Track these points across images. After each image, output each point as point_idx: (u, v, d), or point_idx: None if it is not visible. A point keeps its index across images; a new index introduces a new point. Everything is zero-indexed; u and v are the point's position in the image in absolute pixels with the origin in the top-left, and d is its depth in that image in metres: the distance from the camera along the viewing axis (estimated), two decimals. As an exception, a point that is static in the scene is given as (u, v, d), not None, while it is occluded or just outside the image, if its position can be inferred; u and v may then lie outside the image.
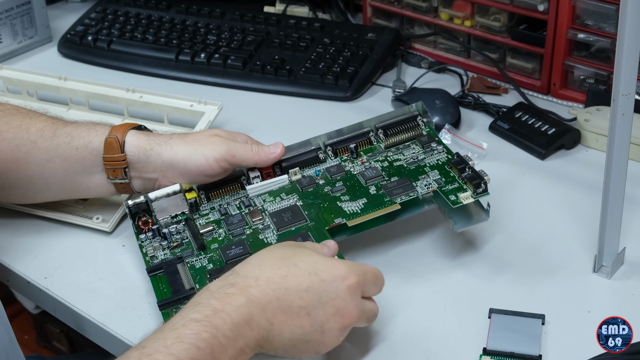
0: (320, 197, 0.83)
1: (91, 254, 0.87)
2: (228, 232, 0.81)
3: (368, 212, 0.80)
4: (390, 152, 0.88)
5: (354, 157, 0.87)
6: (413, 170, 0.85)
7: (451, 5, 1.19)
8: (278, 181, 0.85)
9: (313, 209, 0.82)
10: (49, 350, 1.58)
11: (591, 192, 0.92)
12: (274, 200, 0.84)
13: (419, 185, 0.82)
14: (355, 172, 0.86)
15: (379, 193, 0.82)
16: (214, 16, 1.31)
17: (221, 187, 0.86)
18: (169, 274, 0.77)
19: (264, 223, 0.81)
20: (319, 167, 0.87)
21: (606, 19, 1.04)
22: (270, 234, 0.80)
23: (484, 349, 0.72)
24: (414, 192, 0.81)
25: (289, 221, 0.80)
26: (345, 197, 0.82)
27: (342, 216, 0.80)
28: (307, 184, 0.85)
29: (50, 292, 0.82)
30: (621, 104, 0.72)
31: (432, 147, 0.87)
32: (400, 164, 0.86)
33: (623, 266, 0.82)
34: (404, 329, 0.76)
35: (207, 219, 0.83)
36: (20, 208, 0.92)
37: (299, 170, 0.86)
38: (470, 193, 0.80)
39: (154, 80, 1.21)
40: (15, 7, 1.27)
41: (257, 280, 0.65)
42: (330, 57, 1.19)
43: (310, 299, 0.66)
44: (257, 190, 0.85)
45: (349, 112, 1.13)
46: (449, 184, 0.82)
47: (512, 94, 1.15)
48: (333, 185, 0.84)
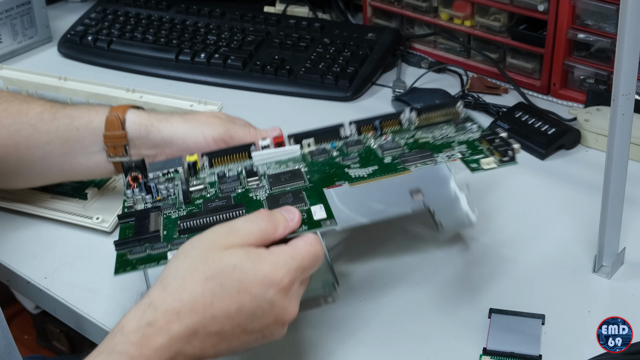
0: (328, 164, 0.75)
1: (91, 254, 0.87)
2: (217, 191, 0.74)
3: (375, 176, 0.71)
4: (420, 131, 0.78)
5: (378, 134, 0.78)
6: (439, 145, 0.75)
7: (451, 5, 1.19)
8: (288, 151, 0.77)
9: (317, 175, 0.73)
10: (49, 350, 1.58)
11: (591, 192, 0.92)
12: (280, 167, 0.76)
13: (440, 156, 0.73)
14: (374, 147, 0.77)
15: (393, 162, 0.73)
16: (214, 16, 1.31)
17: (227, 154, 0.79)
18: (138, 219, 0.70)
19: (259, 184, 0.73)
20: (339, 142, 0.79)
21: (606, 19, 1.04)
22: (261, 193, 0.71)
23: (484, 349, 0.72)
24: (431, 161, 0.72)
25: (285, 181, 0.72)
26: (355, 165, 0.73)
27: (345, 179, 0.71)
28: (319, 153, 0.76)
29: (50, 292, 0.82)
30: (621, 104, 0.72)
31: (467, 127, 0.77)
32: (426, 140, 0.76)
33: (623, 266, 0.82)
34: (404, 329, 0.76)
35: (203, 181, 0.76)
36: (20, 208, 0.92)
37: (313, 142, 0.78)
38: (494, 159, 0.71)
39: (154, 80, 1.21)
40: (15, 7, 1.27)
41: (178, 315, 0.58)
42: (330, 57, 1.19)
43: (243, 318, 0.60)
44: (263, 158, 0.77)
45: (349, 112, 1.13)
46: (474, 155, 0.72)
47: (512, 94, 1.15)
48: (347, 155, 0.75)
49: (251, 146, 0.78)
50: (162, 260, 0.64)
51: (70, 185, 0.95)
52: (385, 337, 0.75)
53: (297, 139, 0.78)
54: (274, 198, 0.69)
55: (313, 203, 0.68)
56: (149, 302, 0.59)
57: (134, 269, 0.65)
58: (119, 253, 0.67)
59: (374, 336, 0.75)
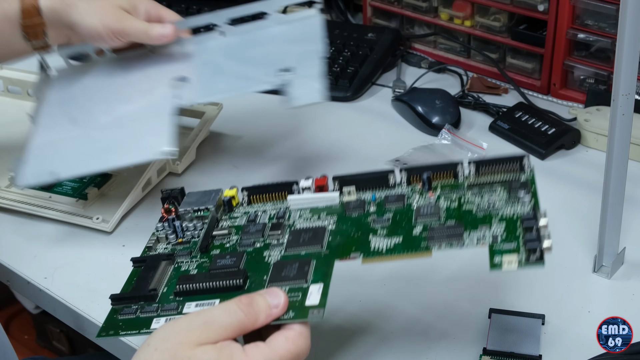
0: (357, 225, 0.68)
1: (91, 254, 0.87)
2: (238, 242, 0.71)
3: (393, 254, 0.64)
4: (471, 192, 0.69)
5: (426, 188, 0.71)
6: (479, 218, 0.65)
7: (451, 5, 1.19)
8: (326, 198, 0.72)
9: (340, 237, 0.68)
10: (49, 350, 1.58)
11: (591, 192, 0.92)
12: (310, 218, 0.71)
13: (469, 238, 0.64)
14: (414, 207, 0.69)
15: (421, 235, 0.65)
16: (214, 16, 1.31)
17: (266, 192, 0.75)
18: (146, 269, 0.69)
19: (279, 240, 0.69)
20: (382, 192, 0.72)
21: (606, 19, 1.04)
22: (275, 253, 0.68)
23: (484, 349, 0.72)
24: (458, 243, 0.63)
25: (303, 243, 0.67)
26: (382, 232, 0.67)
27: (362, 251, 0.65)
28: (354, 207, 0.70)
29: (50, 292, 0.82)
30: (621, 104, 0.72)
31: (519, 196, 0.67)
32: (470, 207, 0.67)
33: (623, 266, 0.82)
34: (404, 329, 0.76)
35: (233, 222, 0.73)
36: (20, 207, 0.92)
37: (354, 191, 0.72)
38: (517, 258, 0.60)
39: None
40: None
41: None
42: (330, 57, 1.19)
43: None
44: (298, 203, 0.73)
45: (349, 112, 1.13)
46: (506, 242, 0.62)
47: (512, 94, 1.15)
48: (381, 215, 0.69)
49: (292, 185, 0.74)
50: (144, 329, 0.63)
51: (70, 185, 0.95)
52: (385, 337, 0.75)
53: (341, 183, 0.72)
54: (279, 266, 0.65)
55: (315, 280, 0.63)
56: None
57: (116, 334, 0.64)
58: (113, 309, 0.67)
59: (374, 336, 0.75)
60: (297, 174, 0.99)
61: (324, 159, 1.03)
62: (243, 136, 1.08)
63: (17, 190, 0.94)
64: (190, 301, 0.65)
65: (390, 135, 1.07)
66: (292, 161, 1.03)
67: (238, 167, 1.01)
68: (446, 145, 1.03)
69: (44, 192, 0.94)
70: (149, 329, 0.63)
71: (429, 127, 1.06)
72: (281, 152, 1.05)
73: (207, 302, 0.64)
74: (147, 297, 0.66)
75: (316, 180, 0.73)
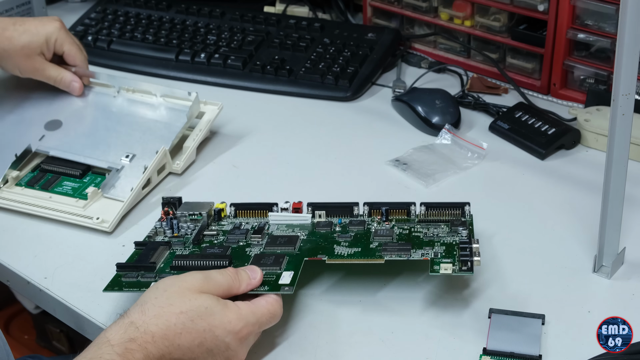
0: (324, 237, 0.82)
1: (91, 254, 0.87)
2: (225, 240, 0.82)
3: (352, 258, 0.77)
4: (420, 225, 0.82)
5: (383, 219, 0.84)
6: (425, 241, 0.79)
7: (451, 5, 1.19)
8: (301, 217, 0.85)
9: (309, 244, 0.81)
10: (49, 350, 1.58)
11: (591, 192, 0.92)
12: (286, 230, 0.84)
13: (416, 252, 0.77)
14: (372, 230, 0.82)
15: (377, 248, 0.78)
16: (214, 16, 1.31)
17: (250, 208, 0.87)
18: (146, 249, 0.80)
19: (259, 242, 0.82)
20: (347, 219, 0.85)
21: (606, 19, 1.04)
22: (255, 250, 0.80)
23: (484, 349, 0.72)
24: (406, 255, 0.76)
25: (279, 244, 0.80)
26: (344, 243, 0.80)
27: (328, 254, 0.78)
28: (324, 226, 0.83)
29: (50, 292, 0.82)
30: (621, 104, 0.72)
31: (458, 231, 0.80)
32: (418, 234, 0.81)
33: (623, 266, 0.82)
34: (404, 329, 0.76)
35: (221, 227, 0.85)
36: (20, 208, 0.92)
37: (324, 214, 0.85)
38: (452, 267, 0.74)
39: (154, 80, 1.21)
40: (15, 7, 1.27)
41: (153, 337, 0.66)
42: (330, 57, 1.20)
43: (201, 352, 0.68)
44: (277, 219, 0.86)
45: (349, 112, 1.13)
46: (444, 258, 0.76)
47: (512, 94, 1.15)
48: (345, 233, 0.82)
49: (273, 206, 0.86)
50: (144, 288, 0.73)
51: (70, 186, 0.95)
52: (385, 337, 0.75)
53: (314, 208, 0.86)
54: (259, 257, 0.78)
55: (287, 269, 0.76)
56: (130, 321, 0.67)
57: (120, 289, 0.76)
58: (117, 274, 0.77)
59: (374, 336, 0.75)
60: (297, 174, 1.00)
61: (324, 159, 1.03)
62: (243, 136, 1.08)
63: (17, 191, 0.94)
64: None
65: (390, 135, 1.07)
66: (292, 161, 1.03)
67: (238, 167, 1.01)
68: (446, 145, 1.03)
69: (44, 192, 0.94)
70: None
71: (429, 127, 1.06)
72: (281, 152, 1.05)
73: None
74: (147, 268, 0.77)
75: (293, 204, 0.86)
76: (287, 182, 0.98)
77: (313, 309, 0.78)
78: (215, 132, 1.08)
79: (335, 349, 0.73)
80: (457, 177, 0.98)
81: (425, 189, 0.96)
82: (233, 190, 0.96)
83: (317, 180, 0.98)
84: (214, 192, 0.94)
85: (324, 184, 0.98)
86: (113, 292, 0.76)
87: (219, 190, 0.96)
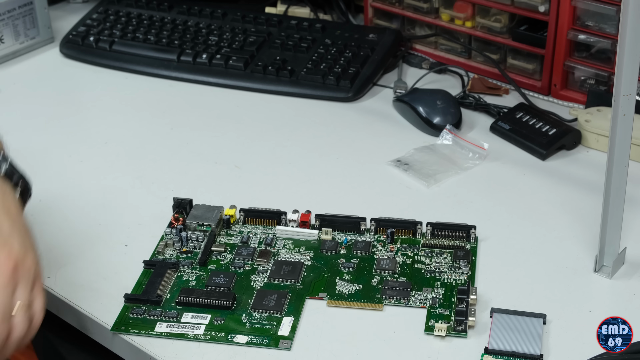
0: (329, 265, 0.83)
1: (94, 253, 0.87)
2: (231, 260, 0.84)
3: (351, 300, 0.79)
4: (423, 251, 0.84)
5: (388, 241, 0.85)
6: (425, 279, 0.81)
7: (452, 6, 1.19)
8: (308, 234, 0.86)
9: (313, 273, 0.82)
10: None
11: (592, 192, 0.92)
12: (292, 249, 0.85)
13: (414, 296, 0.78)
14: (376, 257, 0.84)
15: (377, 287, 0.80)
16: (216, 17, 1.31)
17: (260, 216, 0.89)
18: (154, 274, 0.81)
19: (264, 267, 0.83)
20: (353, 237, 0.87)
21: (607, 20, 1.05)
22: (259, 279, 0.81)
23: (485, 348, 0.72)
24: (404, 301, 0.78)
25: (283, 275, 0.81)
26: (347, 276, 0.81)
27: (328, 293, 0.79)
28: (329, 247, 0.85)
29: (54, 292, 0.82)
30: (622, 105, 0.72)
31: (460, 265, 0.82)
32: (419, 267, 0.82)
33: (624, 266, 0.82)
34: (405, 329, 0.76)
35: (228, 239, 0.87)
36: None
37: (331, 232, 0.86)
38: (447, 326, 0.74)
39: (156, 80, 1.22)
40: (17, 8, 1.27)
41: None
42: (332, 58, 1.20)
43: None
44: (284, 233, 0.87)
45: (350, 112, 1.13)
46: (441, 308, 0.77)
47: (513, 94, 1.15)
48: (348, 260, 0.83)
49: (282, 215, 0.88)
50: (149, 331, 0.76)
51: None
52: (386, 336, 0.75)
53: (322, 221, 0.87)
54: (261, 294, 0.79)
55: (289, 311, 0.77)
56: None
57: (126, 331, 0.76)
58: (125, 306, 0.79)
59: (374, 336, 0.75)
60: (297, 174, 1.00)
61: (325, 159, 1.03)
62: (243, 136, 1.08)
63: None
64: (188, 312, 0.77)
65: (392, 136, 1.08)
66: (292, 161, 1.03)
67: (240, 168, 1.02)
68: (447, 145, 1.04)
69: (47, 192, 0.94)
70: (153, 332, 0.76)
71: (430, 128, 1.07)
72: (282, 153, 1.05)
73: (201, 316, 0.77)
74: (153, 302, 0.79)
75: (302, 215, 0.88)
76: (289, 182, 0.98)
77: (315, 308, 0.79)
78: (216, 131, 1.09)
79: (336, 349, 0.74)
80: (459, 177, 0.98)
81: (427, 189, 0.96)
82: (235, 191, 0.96)
83: (319, 181, 0.99)
84: (215, 193, 0.95)
85: (326, 185, 0.98)
86: (119, 332, 0.76)
87: (221, 190, 0.96)
